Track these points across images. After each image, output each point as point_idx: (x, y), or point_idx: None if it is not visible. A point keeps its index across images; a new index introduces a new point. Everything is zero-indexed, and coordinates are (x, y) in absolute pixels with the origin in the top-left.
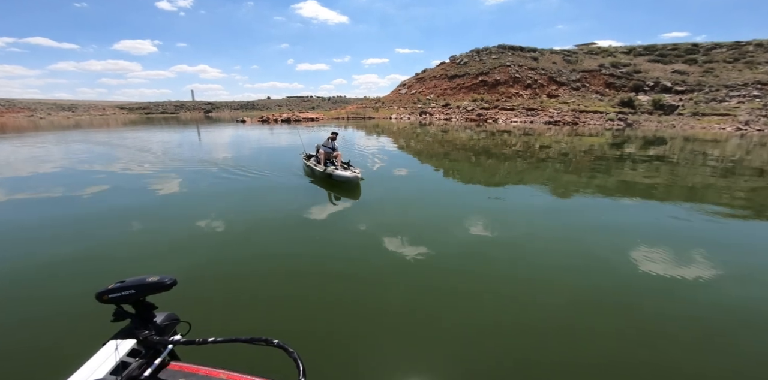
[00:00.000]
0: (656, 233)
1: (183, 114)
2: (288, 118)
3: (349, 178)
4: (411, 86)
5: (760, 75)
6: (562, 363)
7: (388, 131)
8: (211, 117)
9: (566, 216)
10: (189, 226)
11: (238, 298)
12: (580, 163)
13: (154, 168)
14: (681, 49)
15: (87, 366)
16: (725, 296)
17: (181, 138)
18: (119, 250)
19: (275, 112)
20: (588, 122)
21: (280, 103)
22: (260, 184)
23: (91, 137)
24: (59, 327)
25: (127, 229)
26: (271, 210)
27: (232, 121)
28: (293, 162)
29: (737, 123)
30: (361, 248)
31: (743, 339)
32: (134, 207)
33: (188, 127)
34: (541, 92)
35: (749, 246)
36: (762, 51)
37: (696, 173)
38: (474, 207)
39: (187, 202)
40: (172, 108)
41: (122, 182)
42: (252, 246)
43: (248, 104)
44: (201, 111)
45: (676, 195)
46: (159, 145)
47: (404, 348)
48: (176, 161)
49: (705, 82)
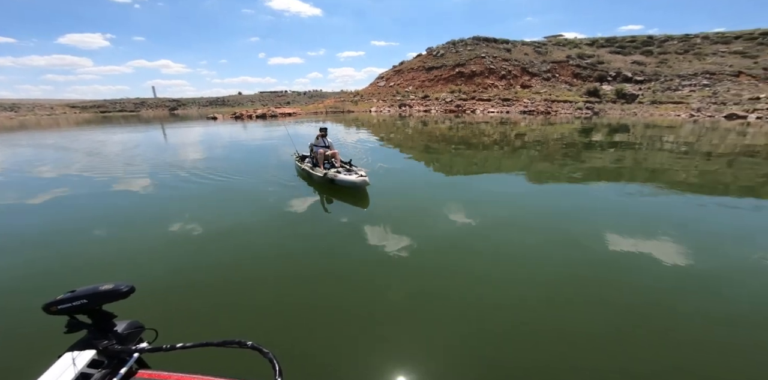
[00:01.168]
0: (649, 216)
1: (145, 111)
2: (263, 114)
3: (355, 183)
4: (389, 79)
5: (707, 65)
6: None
7: (370, 124)
8: (177, 114)
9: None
10: (154, 234)
11: (211, 306)
12: (567, 150)
13: (112, 172)
14: (638, 41)
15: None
16: (696, 271)
17: (143, 137)
18: (72, 260)
19: (249, 108)
20: (559, 111)
21: (253, 99)
22: (242, 188)
23: (40, 139)
24: (6, 344)
25: (81, 238)
26: (254, 217)
27: (201, 118)
28: (281, 163)
29: (690, 110)
30: (366, 257)
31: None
32: (89, 216)
33: (152, 125)
34: (515, 83)
35: (710, 221)
36: (708, 43)
37: (656, 157)
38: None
39: (152, 209)
40: (131, 105)
41: (76, 188)
42: (228, 253)
43: (218, 100)
44: (165, 108)
45: (641, 178)
46: (117, 146)
47: (391, 348)
48: (138, 164)
49: (660, 72)
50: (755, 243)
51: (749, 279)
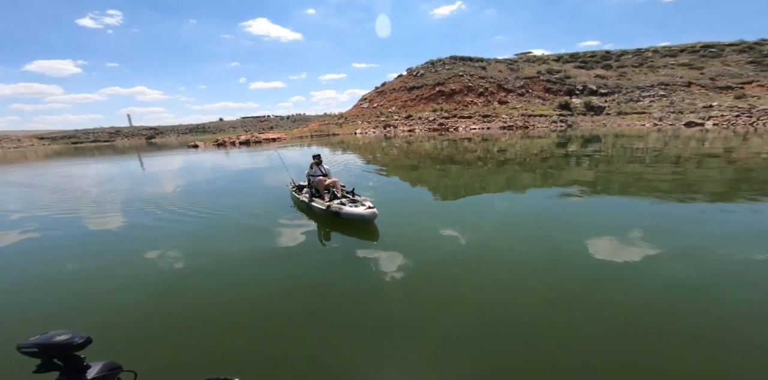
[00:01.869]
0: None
1: (120, 141)
2: (247, 140)
3: (363, 216)
4: (372, 100)
5: (661, 77)
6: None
7: (356, 147)
8: (155, 143)
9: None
10: (130, 273)
11: (196, 348)
12: (554, 163)
13: (79, 211)
14: (598, 56)
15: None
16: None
17: (118, 169)
18: (36, 303)
19: (231, 134)
20: (536, 125)
21: (235, 125)
22: (231, 223)
23: (4, 175)
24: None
25: (47, 280)
26: (245, 255)
27: (181, 146)
28: (272, 193)
29: (653, 119)
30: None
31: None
32: (51, 259)
33: (128, 155)
34: (492, 99)
35: (687, 222)
36: (659, 56)
37: (628, 164)
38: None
39: (127, 247)
40: (105, 135)
41: (36, 229)
42: (215, 293)
43: (198, 127)
44: (142, 137)
45: (619, 186)
46: (88, 179)
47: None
48: (109, 201)
49: (621, 85)
50: (737, 243)
51: (739, 279)
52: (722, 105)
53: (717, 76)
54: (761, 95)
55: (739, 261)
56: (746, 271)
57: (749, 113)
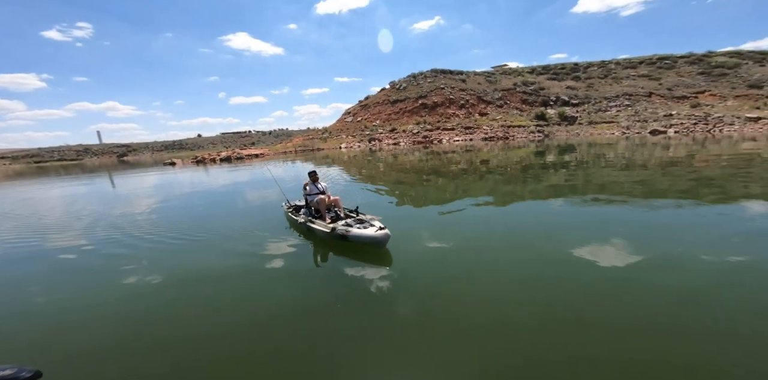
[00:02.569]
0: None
1: (89, 160)
2: (228, 157)
3: (376, 239)
4: (356, 114)
5: (625, 87)
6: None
7: (343, 161)
8: (127, 161)
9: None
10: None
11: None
12: (539, 171)
13: (40, 237)
14: (567, 68)
15: None
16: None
17: (85, 191)
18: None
19: (211, 151)
20: (516, 136)
21: (215, 141)
22: (216, 249)
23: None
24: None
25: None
26: (232, 287)
27: (156, 164)
28: (262, 214)
29: (621, 128)
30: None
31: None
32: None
33: (97, 175)
34: (473, 111)
35: (664, 226)
36: (621, 68)
37: (602, 172)
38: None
39: (87, 280)
40: (72, 153)
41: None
42: (196, 339)
43: (175, 144)
44: (113, 155)
45: (603, 191)
46: (49, 202)
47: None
48: (70, 227)
49: (590, 96)
50: (718, 248)
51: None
52: (681, 113)
53: (673, 87)
54: (714, 104)
55: (724, 267)
56: (727, 276)
57: (705, 121)
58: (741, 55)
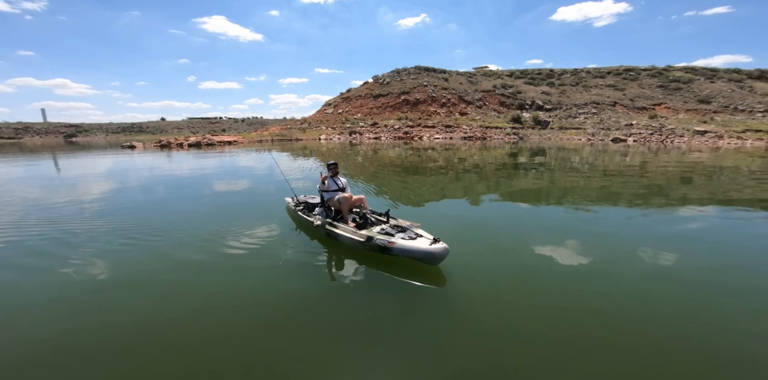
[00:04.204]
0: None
1: (30, 139)
2: (198, 142)
3: (432, 254)
4: (337, 106)
5: (593, 96)
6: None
7: (322, 153)
8: (77, 142)
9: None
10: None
11: None
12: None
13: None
14: (543, 73)
15: None
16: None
17: (20, 173)
18: None
19: (177, 136)
20: (493, 137)
21: (180, 125)
22: (197, 252)
23: None
24: None
25: None
26: (219, 309)
27: (112, 146)
28: (248, 209)
29: (587, 135)
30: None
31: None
32: None
33: (38, 156)
34: (454, 110)
35: (615, 230)
36: (591, 77)
37: (567, 175)
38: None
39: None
40: (10, 132)
41: None
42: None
43: (134, 126)
44: (59, 135)
45: (577, 195)
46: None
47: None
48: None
49: (562, 102)
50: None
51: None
52: (640, 123)
53: (635, 98)
54: (668, 116)
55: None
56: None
57: (660, 132)
58: (695, 71)
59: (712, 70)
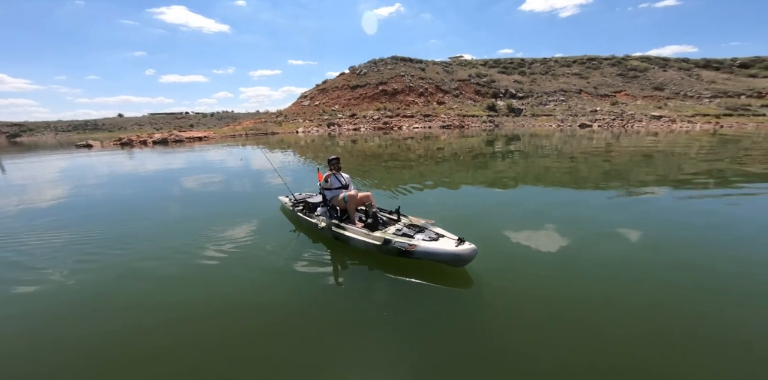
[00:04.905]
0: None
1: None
2: (164, 139)
3: (461, 256)
4: (314, 97)
5: (561, 84)
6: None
7: (300, 146)
8: (21, 142)
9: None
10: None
11: None
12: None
13: None
14: (515, 63)
15: None
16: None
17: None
18: None
19: (140, 133)
20: (470, 125)
21: (141, 122)
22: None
23: None
24: None
25: None
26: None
27: (63, 146)
28: (252, 208)
29: (557, 121)
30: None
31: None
32: None
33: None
34: (432, 100)
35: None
36: (558, 66)
37: (540, 159)
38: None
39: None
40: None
41: None
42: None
43: (87, 124)
44: (1, 135)
45: (554, 178)
46: None
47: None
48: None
49: (533, 90)
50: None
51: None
52: (603, 110)
53: (598, 85)
54: (628, 102)
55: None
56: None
57: (621, 117)
58: (650, 60)
59: (664, 60)
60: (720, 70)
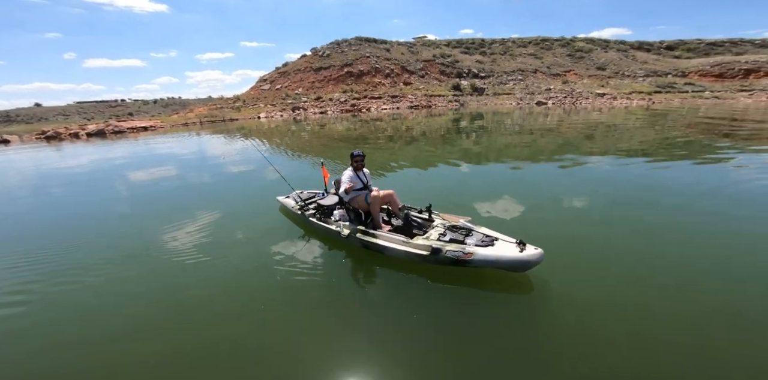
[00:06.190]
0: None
1: None
2: (101, 130)
3: (528, 263)
4: (275, 81)
5: (518, 64)
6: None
7: (263, 132)
8: None
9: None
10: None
11: None
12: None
13: None
14: (476, 43)
15: None
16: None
17: None
18: None
19: (67, 124)
20: (437, 104)
21: (67, 111)
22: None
23: None
24: None
25: None
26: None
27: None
28: (248, 212)
29: (516, 99)
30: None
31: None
32: None
33: None
34: (398, 80)
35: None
36: (516, 46)
37: (502, 136)
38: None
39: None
40: None
41: None
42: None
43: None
44: None
45: (511, 153)
46: None
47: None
48: None
49: (494, 70)
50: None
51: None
52: (555, 88)
53: (551, 65)
54: (576, 81)
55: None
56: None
57: (571, 95)
58: (593, 42)
59: (605, 41)
60: (651, 51)
